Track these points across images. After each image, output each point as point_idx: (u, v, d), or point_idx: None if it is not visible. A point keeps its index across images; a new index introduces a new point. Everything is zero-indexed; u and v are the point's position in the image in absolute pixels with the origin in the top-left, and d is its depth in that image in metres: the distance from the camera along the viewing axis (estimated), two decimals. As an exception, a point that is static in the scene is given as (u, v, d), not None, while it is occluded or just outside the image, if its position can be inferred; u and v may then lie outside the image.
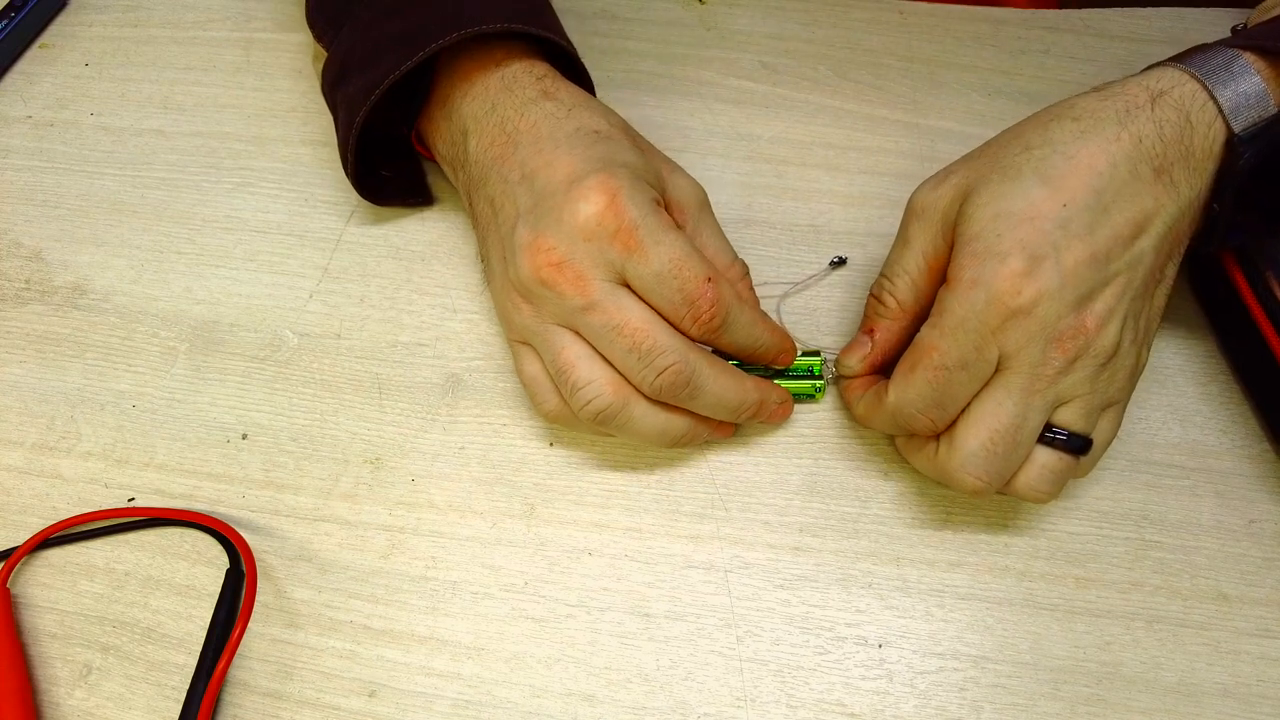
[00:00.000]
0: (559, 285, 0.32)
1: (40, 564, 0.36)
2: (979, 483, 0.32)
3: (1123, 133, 0.31)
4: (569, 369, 0.33)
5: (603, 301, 0.32)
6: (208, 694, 0.32)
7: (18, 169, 0.48)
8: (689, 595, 0.35)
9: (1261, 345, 0.37)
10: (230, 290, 0.43)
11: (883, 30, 0.52)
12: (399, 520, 0.37)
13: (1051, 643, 0.34)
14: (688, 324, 0.33)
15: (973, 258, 0.31)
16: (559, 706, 0.33)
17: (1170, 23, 0.51)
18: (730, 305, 0.33)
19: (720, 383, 0.34)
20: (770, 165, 0.46)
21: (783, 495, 0.37)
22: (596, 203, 0.32)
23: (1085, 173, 0.31)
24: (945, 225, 0.33)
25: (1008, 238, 0.30)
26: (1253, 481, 0.37)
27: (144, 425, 0.39)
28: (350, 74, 0.40)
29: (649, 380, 0.32)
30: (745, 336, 0.35)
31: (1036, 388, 0.31)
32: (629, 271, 0.32)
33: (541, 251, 0.32)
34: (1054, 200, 0.30)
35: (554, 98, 0.37)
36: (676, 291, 0.32)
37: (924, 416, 0.32)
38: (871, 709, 0.33)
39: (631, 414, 0.33)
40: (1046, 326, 0.30)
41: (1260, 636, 0.34)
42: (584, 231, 0.32)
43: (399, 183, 0.45)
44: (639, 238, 0.32)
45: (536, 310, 0.34)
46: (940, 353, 0.31)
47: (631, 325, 0.32)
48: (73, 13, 0.55)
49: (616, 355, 0.33)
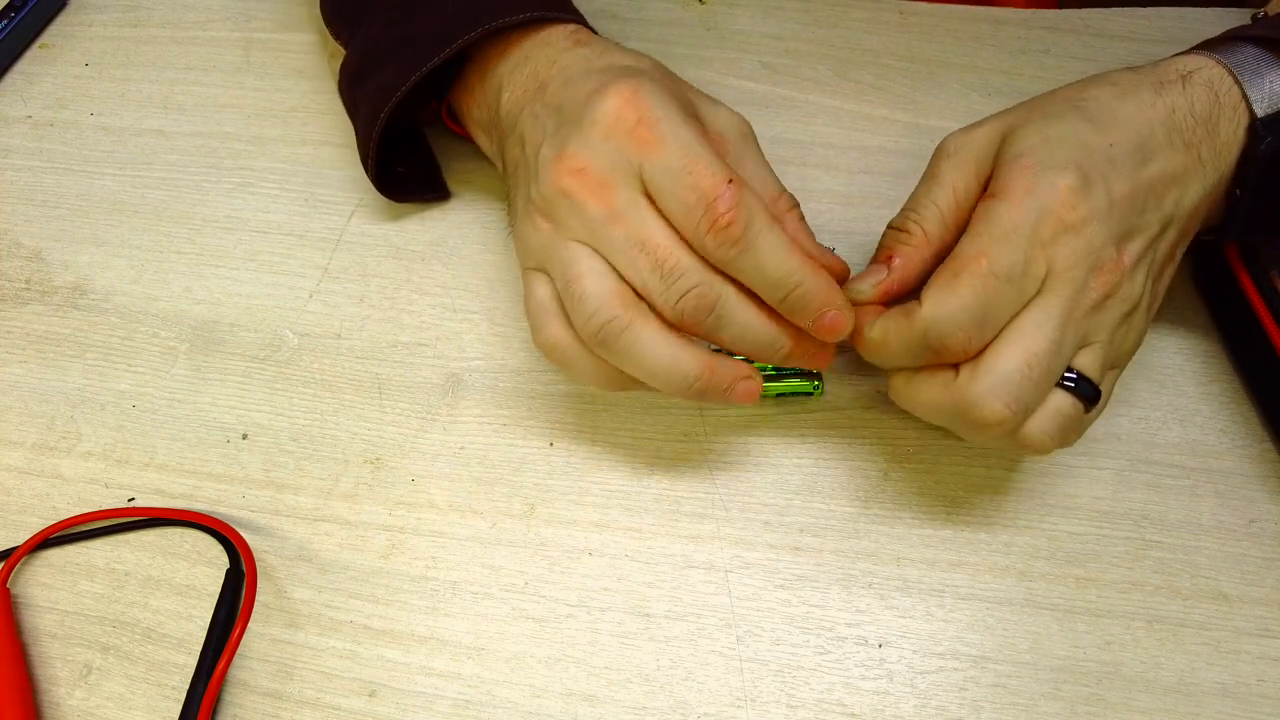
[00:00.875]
0: (580, 194, 0.30)
1: (40, 564, 0.36)
2: (1005, 411, 0.29)
3: (1158, 100, 0.32)
4: (577, 280, 0.30)
5: (625, 213, 0.30)
6: (208, 694, 0.32)
7: (18, 169, 0.48)
8: (689, 595, 0.35)
9: (1265, 344, 0.37)
10: (230, 290, 0.43)
11: (883, 30, 0.52)
12: (399, 520, 0.37)
13: (1051, 642, 0.34)
14: (702, 232, 0.29)
15: (1025, 170, 0.30)
16: (559, 706, 0.33)
17: (1170, 23, 0.51)
18: (755, 214, 0.29)
19: (751, 311, 0.31)
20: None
21: (783, 495, 0.37)
22: (615, 98, 0.30)
23: (1127, 123, 0.31)
24: (979, 163, 0.32)
25: (1061, 155, 0.30)
26: (1253, 481, 0.37)
27: (144, 425, 0.39)
28: (371, 71, 0.40)
29: (671, 301, 0.30)
30: (776, 265, 0.30)
31: (1074, 316, 0.30)
32: (645, 171, 0.30)
33: (564, 160, 0.31)
34: (1102, 137, 0.31)
35: (586, 45, 0.36)
36: (692, 190, 0.29)
37: (962, 333, 0.29)
38: (872, 709, 0.33)
39: (639, 335, 0.30)
40: (1092, 251, 0.29)
41: (1260, 636, 0.34)
42: (602, 129, 0.30)
43: (415, 178, 0.45)
44: (658, 131, 0.30)
45: (556, 227, 0.31)
46: (990, 259, 0.29)
47: (655, 241, 0.30)
48: (73, 13, 0.55)
49: (637, 274, 0.30)
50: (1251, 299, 0.37)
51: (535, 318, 0.33)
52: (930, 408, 0.32)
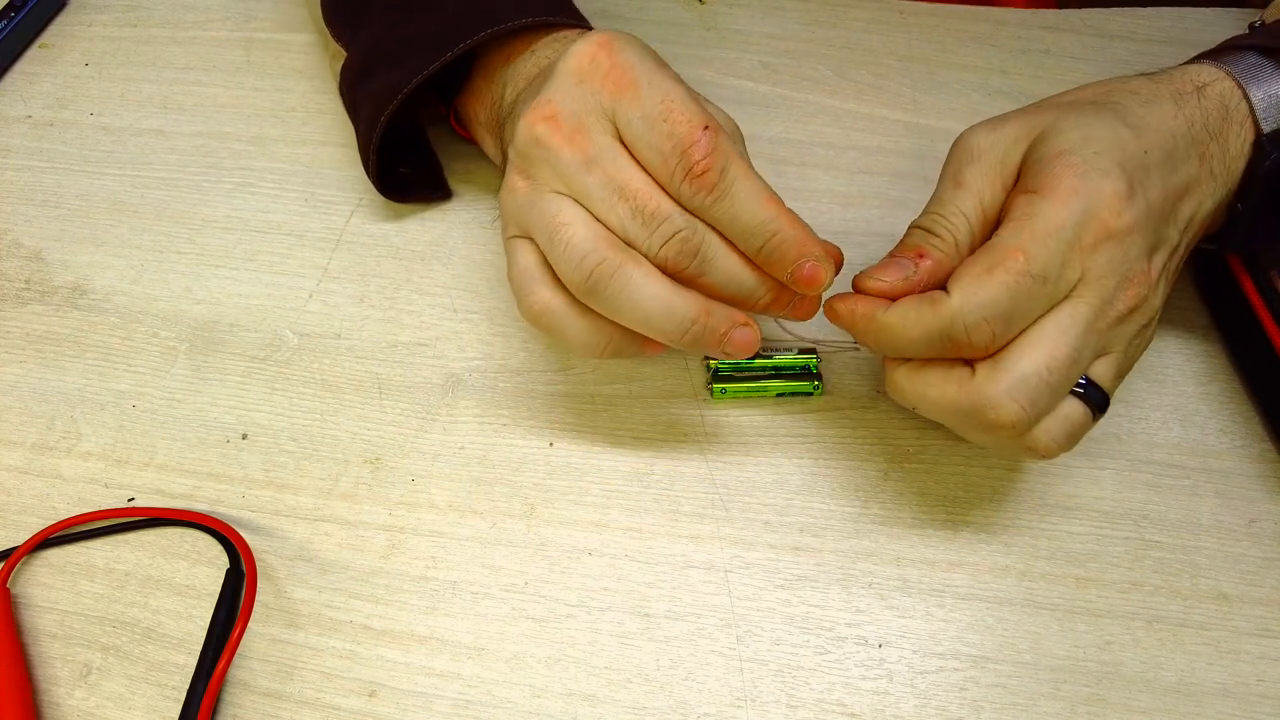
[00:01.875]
0: (553, 140, 0.29)
1: (40, 564, 0.36)
2: (1021, 413, 0.28)
3: (1179, 112, 0.32)
4: (561, 229, 0.29)
5: (600, 158, 0.29)
6: (208, 694, 0.32)
7: (18, 169, 0.48)
8: (689, 595, 0.35)
9: (1265, 344, 0.37)
10: (230, 290, 0.43)
11: (883, 30, 0.52)
12: (399, 520, 0.37)
13: (1051, 642, 0.34)
14: (678, 179, 0.29)
15: (1070, 168, 0.29)
16: (559, 706, 0.33)
17: (1170, 22, 0.51)
18: (731, 161, 0.29)
19: (733, 257, 0.30)
20: (769, 165, 0.46)
21: (783, 495, 0.37)
22: (589, 45, 0.30)
23: (1157, 132, 0.31)
24: (1005, 169, 0.31)
25: (1106, 157, 0.29)
26: (1253, 481, 0.37)
27: (144, 425, 0.39)
28: (373, 72, 0.40)
29: (655, 247, 0.29)
30: (750, 212, 0.29)
31: (1099, 326, 0.29)
32: (619, 117, 0.29)
33: (538, 109, 0.30)
34: (1138, 143, 0.30)
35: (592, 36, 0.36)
36: (667, 137, 0.29)
37: (988, 327, 0.28)
38: (871, 709, 0.33)
39: (630, 277, 0.29)
40: (1127, 261, 0.29)
41: (1260, 636, 0.34)
42: (575, 74, 0.30)
43: (418, 178, 0.45)
44: (632, 77, 0.29)
45: (533, 183, 0.31)
46: (1028, 257, 0.28)
47: (634, 186, 0.29)
48: (73, 13, 0.55)
49: (617, 220, 0.30)
50: (1251, 299, 0.37)
51: (521, 285, 0.32)
52: (938, 404, 0.31)
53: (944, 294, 0.29)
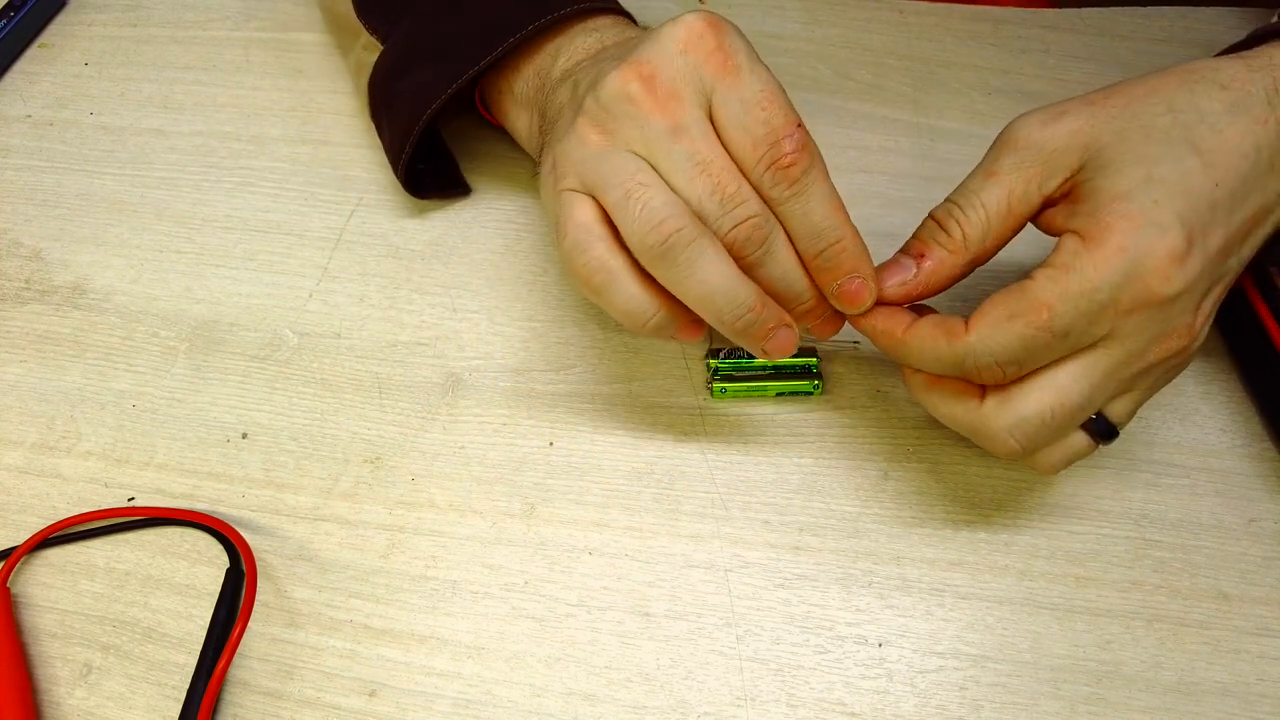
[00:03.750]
0: (647, 102, 0.29)
1: (40, 563, 0.36)
2: (1017, 448, 0.29)
3: (1270, 116, 0.28)
4: (640, 189, 0.29)
5: (690, 129, 0.29)
6: (208, 693, 0.32)
7: (17, 168, 0.48)
8: (689, 594, 0.35)
9: (1265, 343, 0.37)
10: (230, 290, 0.43)
11: (883, 29, 0.52)
12: (399, 520, 0.37)
13: (1051, 642, 0.34)
14: (764, 165, 0.29)
15: (1124, 219, 0.27)
16: (559, 706, 0.33)
17: (1171, 22, 0.51)
18: (815, 161, 0.29)
19: (793, 258, 0.30)
20: (770, 164, 0.46)
21: (783, 495, 0.37)
22: (697, 20, 0.29)
23: (1235, 153, 0.28)
24: (1050, 170, 0.29)
25: (1166, 207, 0.27)
26: (1253, 480, 0.37)
27: (144, 425, 0.39)
28: (414, 66, 0.40)
29: (726, 227, 0.29)
30: (823, 214, 0.30)
31: (1119, 375, 0.29)
32: (717, 95, 0.29)
33: (633, 66, 0.29)
34: (1207, 177, 0.27)
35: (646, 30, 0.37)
36: (762, 124, 0.29)
37: (999, 368, 0.29)
38: (871, 708, 0.33)
39: (704, 250, 0.29)
40: (1170, 319, 0.28)
41: (1260, 635, 0.34)
42: (681, 43, 0.29)
43: (436, 177, 0.45)
44: (737, 61, 0.29)
45: (611, 138, 0.30)
46: (1053, 315, 0.27)
47: (718, 165, 0.29)
48: (72, 12, 0.55)
49: (694, 194, 0.29)
50: (1252, 298, 0.37)
51: (577, 241, 0.30)
52: (945, 418, 0.32)
53: (963, 328, 0.29)
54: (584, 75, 0.34)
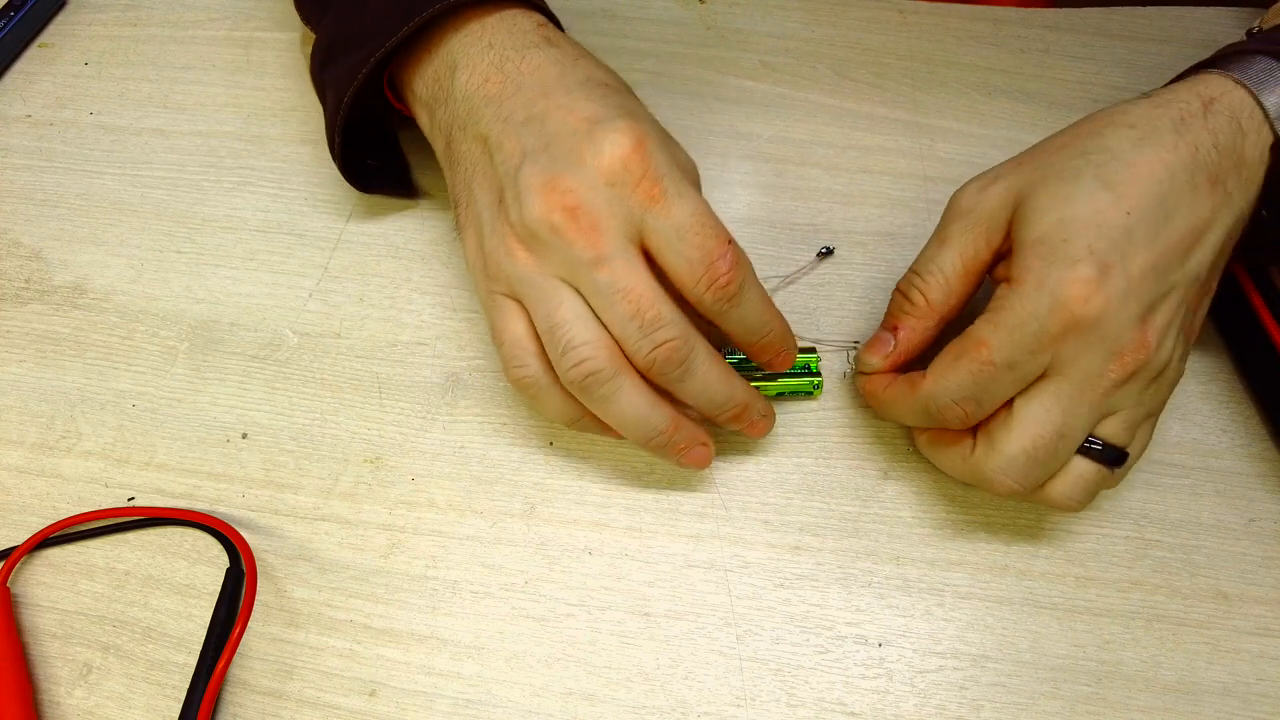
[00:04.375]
0: (570, 233, 0.30)
1: (40, 563, 0.36)
2: (1015, 486, 0.31)
3: (1180, 142, 0.31)
4: (563, 325, 0.31)
5: (614, 258, 0.30)
6: (208, 693, 0.32)
7: (17, 168, 0.48)
8: (689, 594, 0.35)
9: (1265, 343, 0.37)
10: (230, 289, 0.43)
11: (882, 29, 0.52)
12: (399, 519, 0.37)
13: (1051, 641, 0.34)
14: (703, 287, 0.31)
15: (1039, 259, 0.30)
16: (559, 705, 0.33)
17: (1170, 22, 0.51)
18: (748, 274, 0.32)
19: (714, 372, 0.32)
20: (769, 164, 0.46)
21: (783, 495, 0.37)
22: (623, 145, 0.30)
23: (1146, 180, 0.30)
24: (990, 230, 0.32)
25: (1076, 243, 0.30)
26: (1253, 480, 0.37)
27: (144, 424, 0.39)
28: (337, 54, 0.39)
29: (644, 351, 0.31)
30: (756, 317, 0.33)
31: (1087, 399, 0.30)
32: (648, 224, 0.31)
33: (557, 193, 0.30)
34: (1118, 207, 0.30)
35: (556, 45, 0.35)
36: (696, 249, 0.30)
37: (959, 407, 0.31)
38: (871, 708, 0.33)
39: (620, 385, 0.31)
40: (1108, 339, 0.29)
41: (1260, 635, 0.34)
42: (607, 175, 0.30)
43: (385, 174, 0.44)
44: (664, 187, 0.30)
45: (538, 260, 0.31)
46: (990, 349, 0.30)
47: (638, 291, 0.30)
48: (72, 12, 0.55)
49: (616, 319, 0.31)
50: (1251, 298, 0.37)
51: (511, 353, 0.33)
52: (949, 471, 0.34)
53: (922, 377, 0.33)
54: (494, 135, 0.33)
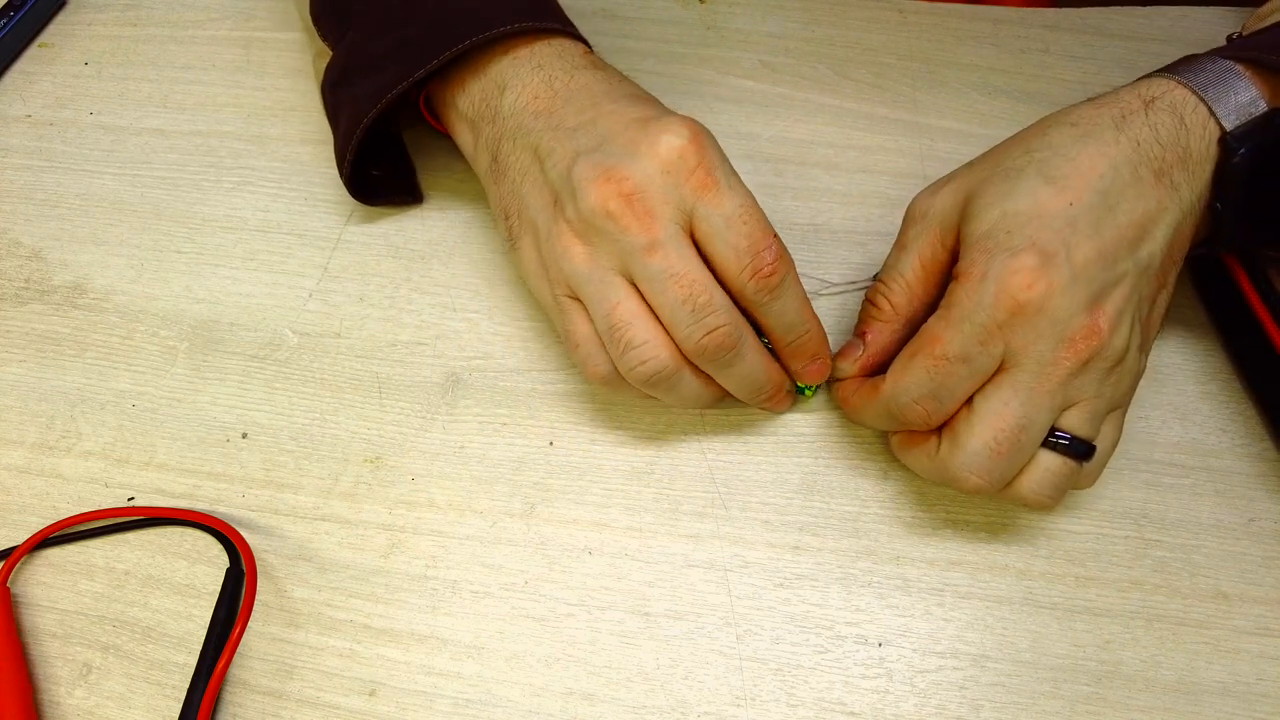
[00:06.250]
0: (625, 219, 0.31)
1: (40, 563, 0.36)
2: (980, 482, 0.31)
3: (1120, 137, 0.32)
4: (623, 328, 0.32)
5: (665, 244, 0.31)
6: (208, 693, 0.32)
7: (17, 168, 0.48)
8: (689, 594, 0.35)
9: (1263, 341, 0.37)
10: (230, 289, 0.43)
11: (882, 29, 0.52)
12: (399, 519, 0.37)
13: (1051, 641, 0.34)
14: (746, 276, 0.32)
15: (983, 253, 0.31)
16: (559, 705, 0.33)
17: (1170, 22, 0.51)
18: (790, 270, 0.33)
19: (757, 359, 0.34)
20: (769, 164, 0.46)
21: (783, 494, 0.37)
22: (681, 135, 0.32)
23: (1087, 173, 0.31)
24: (944, 230, 0.33)
25: (1018, 234, 0.30)
26: (1253, 480, 0.37)
27: (144, 424, 0.39)
28: (354, 77, 0.40)
29: (696, 336, 0.32)
30: (795, 313, 0.34)
31: (1044, 388, 0.30)
32: (698, 212, 0.32)
33: (613, 180, 0.31)
34: (1060, 199, 0.31)
35: (603, 69, 0.37)
36: (744, 238, 0.32)
37: (919, 406, 0.32)
38: (871, 708, 0.33)
39: (682, 378, 0.33)
40: (1058, 325, 0.30)
41: (1260, 635, 0.34)
42: (664, 163, 0.31)
43: (390, 183, 0.44)
44: (716, 178, 0.32)
45: (592, 253, 0.33)
46: (943, 343, 0.31)
47: (691, 276, 0.31)
48: (72, 12, 0.55)
49: (667, 303, 0.32)
50: (1250, 298, 0.37)
51: (584, 354, 0.35)
52: (921, 472, 0.35)
53: (882, 380, 0.33)
54: (545, 143, 0.35)
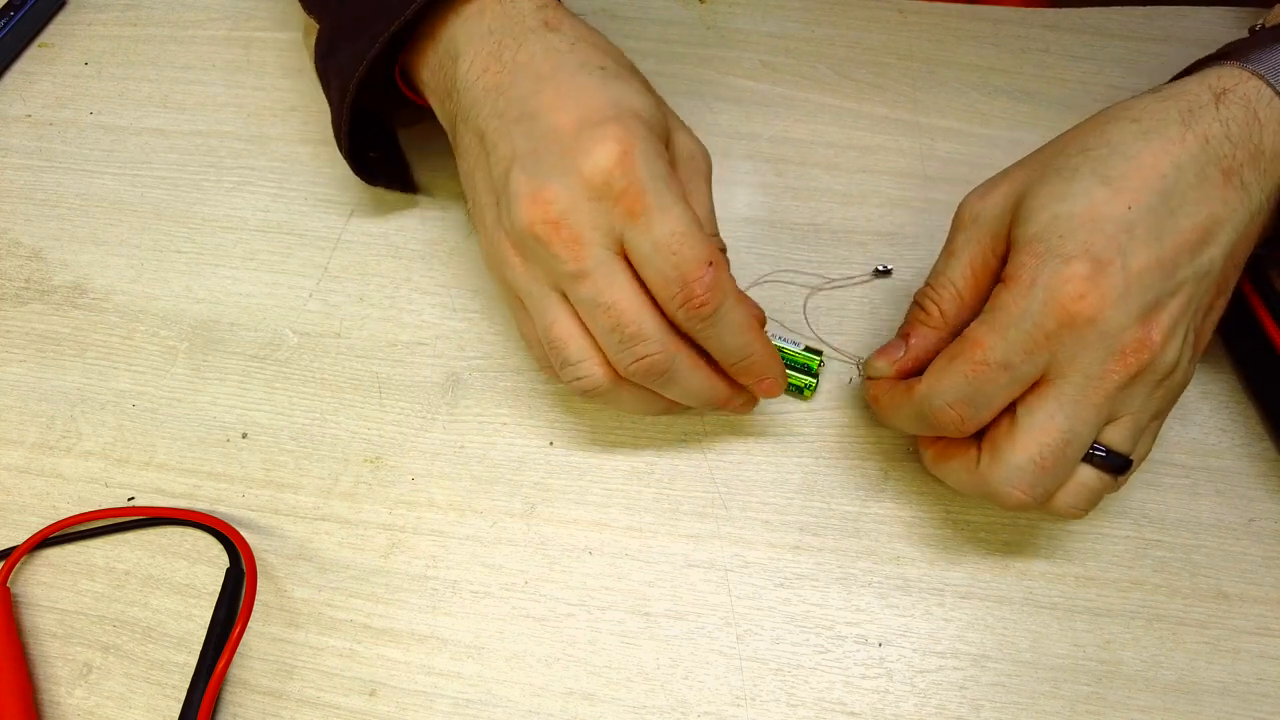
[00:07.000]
0: (554, 245, 0.31)
1: (40, 563, 0.36)
2: (1024, 497, 0.30)
3: (1188, 133, 0.30)
4: (559, 346, 0.32)
5: (594, 272, 0.31)
6: (208, 693, 0.32)
7: (17, 168, 0.48)
8: (689, 594, 0.35)
9: (1264, 343, 0.37)
10: (230, 289, 0.43)
11: (882, 29, 0.52)
12: (399, 519, 0.37)
13: (1051, 641, 0.34)
14: (676, 305, 0.31)
15: (1033, 257, 0.29)
16: (559, 705, 0.33)
17: (1170, 21, 0.51)
18: (727, 296, 0.31)
19: (694, 376, 0.33)
20: (770, 164, 0.46)
21: (783, 494, 0.37)
22: (608, 155, 0.30)
23: (1149, 174, 0.29)
24: (995, 235, 0.32)
25: (1070, 240, 0.29)
26: (1253, 480, 0.37)
27: (144, 424, 0.39)
28: (340, 44, 0.39)
29: (624, 363, 0.32)
30: (734, 339, 0.32)
31: (1091, 401, 0.29)
32: (627, 238, 0.31)
33: (539, 204, 0.31)
34: (1118, 202, 0.29)
35: (556, 29, 0.34)
36: (673, 268, 0.30)
37: (953, 410, 0.31)
38: (871, 708, 0.33)
39: (620, 394, 0.34)
40: (1108, 337, 0.28)
41: (1260, 635, 0.34)
42: (589, 188, 0.30)
43: (385, 168, 0.44)
44: (645, 203, 0.30)
45: (528, 266, 0.32)
46: (985, 348, 0.30)
47: (619, 306, 0.31)
48: (72, 12, 0.55)
49: (598, 330, 0.32)
50: (1250, 299, 0.37)
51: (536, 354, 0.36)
52: (957, 486, 0.33)
53: (917, 381, 0.32)
54: (490, 133, 0.33)
